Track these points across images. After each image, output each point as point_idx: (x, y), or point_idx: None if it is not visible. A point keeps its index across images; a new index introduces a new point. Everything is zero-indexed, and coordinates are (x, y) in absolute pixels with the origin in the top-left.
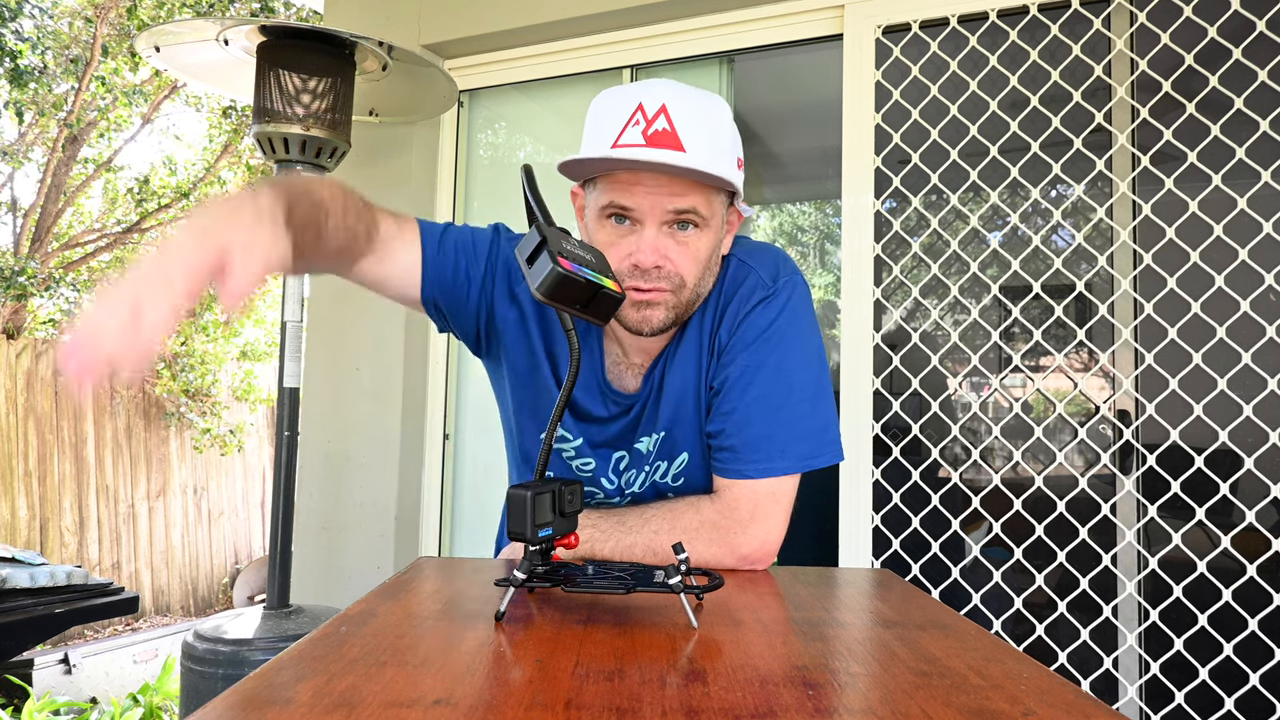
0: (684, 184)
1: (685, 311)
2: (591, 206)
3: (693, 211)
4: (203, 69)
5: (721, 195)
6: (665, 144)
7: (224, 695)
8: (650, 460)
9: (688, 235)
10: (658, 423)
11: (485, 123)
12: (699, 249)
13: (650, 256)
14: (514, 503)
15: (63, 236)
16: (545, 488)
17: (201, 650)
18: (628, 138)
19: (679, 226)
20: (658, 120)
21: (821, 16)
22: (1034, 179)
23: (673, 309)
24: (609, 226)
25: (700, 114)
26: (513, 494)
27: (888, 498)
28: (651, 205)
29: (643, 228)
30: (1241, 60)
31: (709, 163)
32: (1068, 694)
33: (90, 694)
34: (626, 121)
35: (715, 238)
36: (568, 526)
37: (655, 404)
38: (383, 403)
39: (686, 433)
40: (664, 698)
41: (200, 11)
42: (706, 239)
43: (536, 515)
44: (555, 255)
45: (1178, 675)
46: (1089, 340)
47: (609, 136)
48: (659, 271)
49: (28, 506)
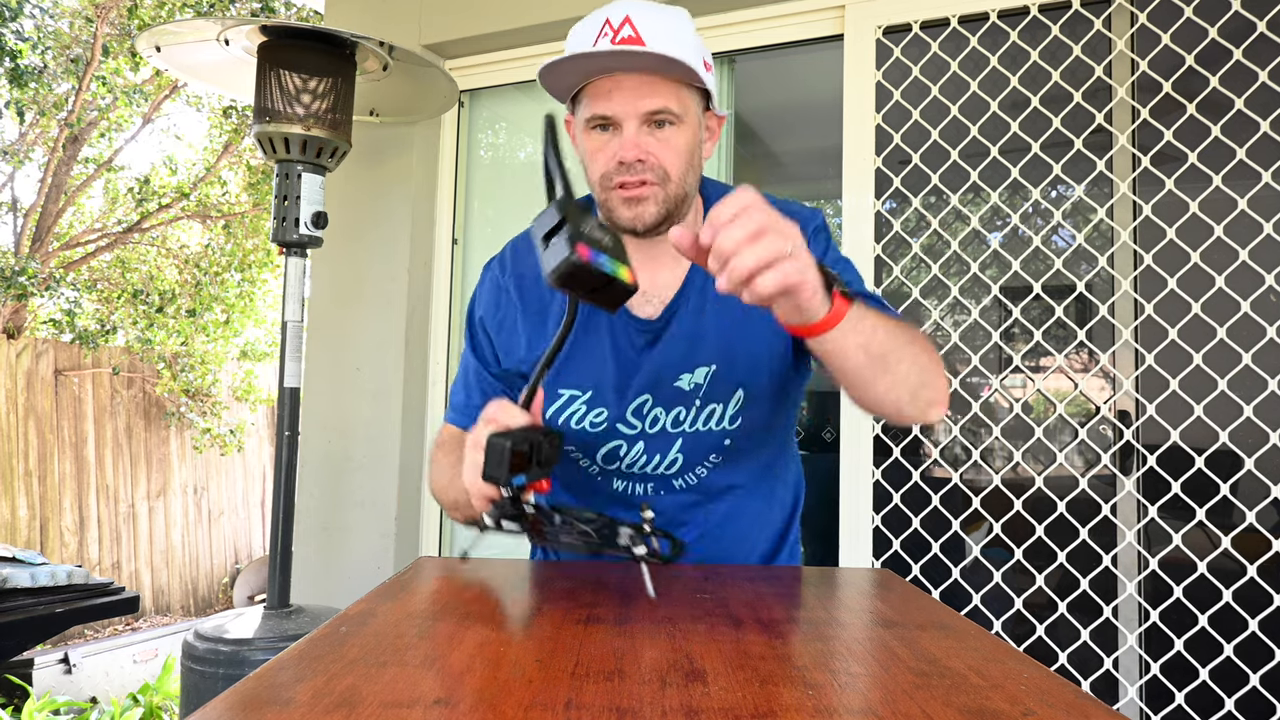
0: (655, 85)
1: (675, 207)
2: (578, 124)
3: (666, 111)
4: (203, 69)
5: (694, 94)
6: (630, 45)
7: (224, 695)
8: (697, 397)
9: (666, 133)
10: (700, 355)
11: (486, 123)
12: (678, 144)
13: (631, 151)
14: (492, 450)
15: (63, 236)
16: (526, 439)
17: (202, 650)
18: (599, 47)
19: (656, 125)
20: (623, 29)
21: (822, 17)
22: (1034, 179)
23: (662, 203)
24: (594, 135)
25: (663, 20)
26: (493, 441)
27: (888, 498)
28: (627, 108)
29: (622, 130)
30: (1242, 61)
31: (671, 53)
32: (1068, 694)
33: (90, 694)
34: (596, 35)
35: (693, 134)
36: (541, 474)
37: (693, 333)
38: (383, 403)
39: (744, 365)
40: (664, 698)
41: (201, 11)
42: (684, 135)
43: (512, 465)
44: (574, 241)
45: (1178, 676)
46: (1089, 341)
47: (582, 49)
48: (642, 165)
49: (28, 506)
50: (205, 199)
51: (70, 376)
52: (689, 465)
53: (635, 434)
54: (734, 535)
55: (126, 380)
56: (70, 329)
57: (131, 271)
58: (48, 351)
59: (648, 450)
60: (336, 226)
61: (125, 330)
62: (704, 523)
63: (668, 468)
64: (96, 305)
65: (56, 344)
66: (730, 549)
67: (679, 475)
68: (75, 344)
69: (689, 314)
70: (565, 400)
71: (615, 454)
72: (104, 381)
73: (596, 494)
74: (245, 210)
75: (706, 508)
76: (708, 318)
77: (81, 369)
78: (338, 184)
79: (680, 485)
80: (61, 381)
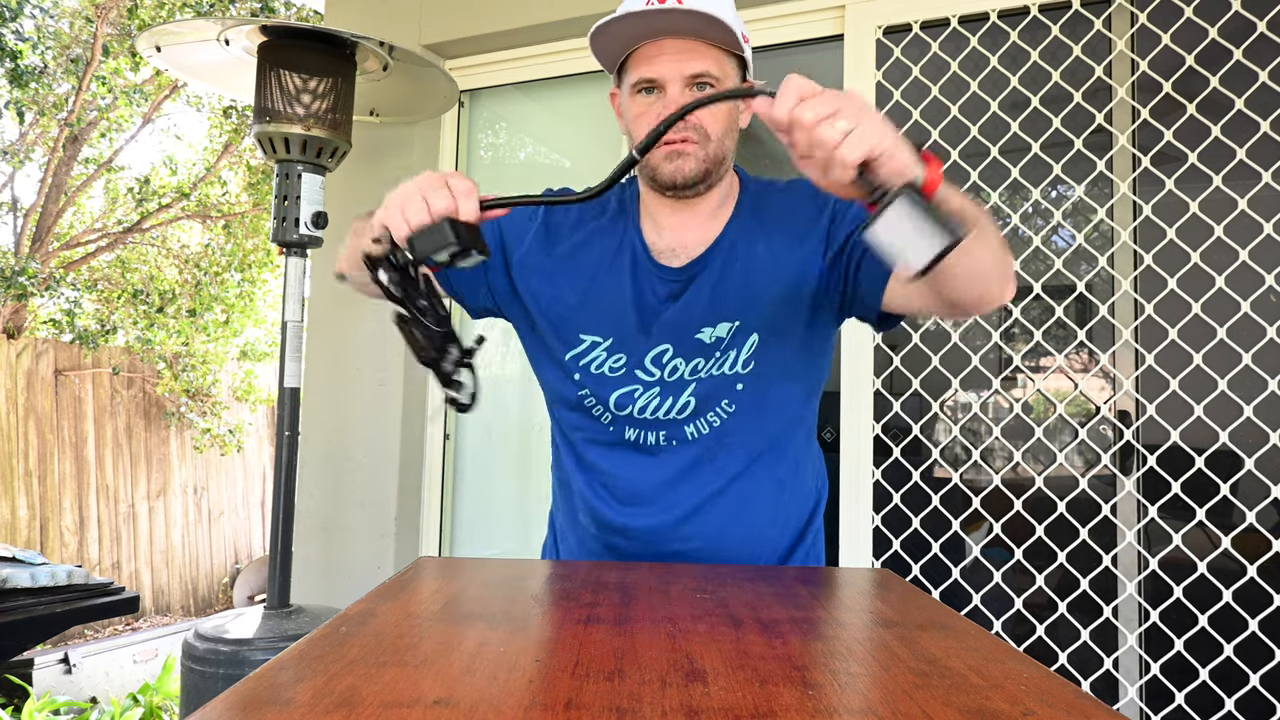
0: (697, 50)
1: (714, 167)
2: (624, 91)
3: (707, 74)
4: (203, 69)
5: (734, 62)
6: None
7: (224, 695)
8: (718, 350)
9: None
10: (724, 310)
11: (486, 123)
12: (718, 108)
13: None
14: (437, 229)
15: (63, 236)
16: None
17: (202, 650)
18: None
19: (699, 88)
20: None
21: (822, 17)
22: (1034, 179)
23: (702, 161)
24: (639, 99)
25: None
26: (446, 223)
27: (888, 498)
28: (671, 71)
29: (666, 92)
30: (1242, 61)
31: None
32: (1068, 694)
33: (90, 694)
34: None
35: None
36: (446, 265)
37: (718, 289)
38: (383, 403)
39: (766, 319)
40: (664, 698)
41: (201, 11)
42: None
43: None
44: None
45: (1178, 676)
46: (1089, 341)
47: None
48: (684, 124)
49: (28, 506)
50: (205, 199)
51: (70, 376)
52: (700, 411)
53: (652, 380)
54: (749, 520)
55: (126, 380)
56: (70, 329)
57: (131, 271)
58: (48, 351)
59: (661, 394)
60: (336, 226)
61: (125, 330)
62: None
63: (679, 412)
64: (96, 305)
65: (56, 344)
66: (743, 534)
67: (690, 420)
68: (75, 344)
69: (716, 269)
70: (586, 346)
71: (629, 398)
72: (104, 381)
73: (607, 447)
74: (245, 210)
75: (716, 465)
76: (734, 276)
77: (81, 369)
78: (338, 184)
79: (691, 433)
80: (61, 381)
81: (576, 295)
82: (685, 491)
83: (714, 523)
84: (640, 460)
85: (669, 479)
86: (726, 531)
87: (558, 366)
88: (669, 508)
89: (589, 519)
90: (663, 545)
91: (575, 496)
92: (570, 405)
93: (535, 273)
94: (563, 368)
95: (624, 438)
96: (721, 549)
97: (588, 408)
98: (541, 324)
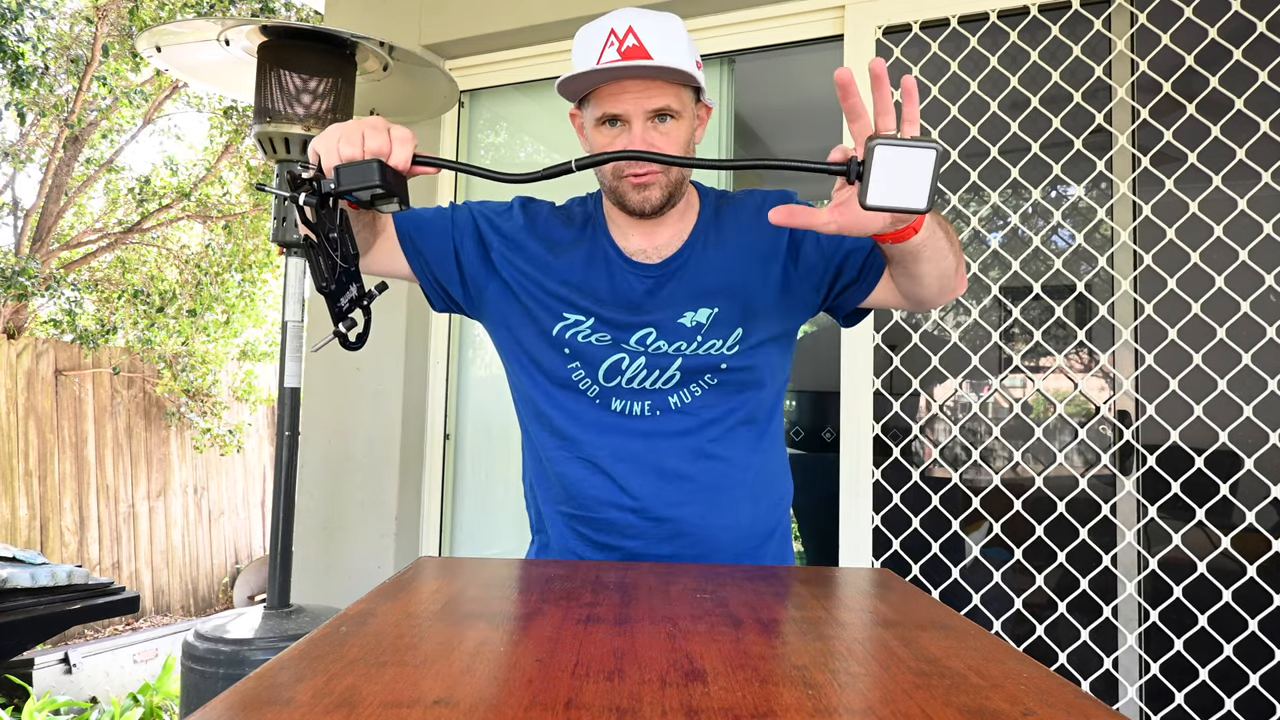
0: (657, 87)
1: (676, 190)
2: (588, 120)
3: (667, 108)
4: (204, 69)
5: (689, 91)
6: (637, 56)
7: (224, 695)
8: (699, 334)
9: (667, 126)
10: (703, 298)
11: (486, 123)
12: (678, 136)
13: (639, 145)
14: (365, 166)
15: (64, 237)
16: (386, 191)
17: (202, 650)
18: (607, 57)
19: (659, 120)
20: (628, 39)
21: (822, 17)
22: (1034, 179)
23: (665, 187)
24: (605, 131)
25: (661, 28)
26: (371, 162)
27: (888, 498)
28: (634, 107)
29: (630, 127)
30: (1242, 61)
31: (674, 63)
32: (1068, 694)
33: (90, 694)
34: (604, 45)
35: (689, 126)
36: (364, 205)
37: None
38: (383, 403)
39: (743, 307)
40: (664, 698)
41: (201, 12)
42: (682, 127)
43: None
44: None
45: (1178, 676)
46: (1089, 341)
47: (592, 59)
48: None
49: (28, 506)
50: (205, 199)
51: (70, 376)
52: (685, 382)
53: (638, 352)
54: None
55: (127, 380)
56: (71, 329)
57: (132, 272)
58: (48, 351)
59: (648, 365)
60: None
61: (125, 330)
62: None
63: (665, 382)
64: (97, 305)
65: (57, 344)
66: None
67: (675, 391)
68: (75, 344)
69: (692, 263)
70: (572, 321)
71: (617, 368)
72: (104, 381)
73: (593, 421)
74: (245, 210)
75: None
76: (710, 269)
77: (82, 369)
78: None
79: (675, 404)
80: (62, 381)
81: (558, 284)
82: (671, 461)
83: (698, 493)
84: (626, 428)
85: (654, 449)
86: (713, 501)
87: (546, 342)
88: (655, 478)
89: (572, 503)
90: (647, 515)
91: (557, 483)
92: (560, 382)
93: (519, 252)
94: (551, 342)
95: (610, 408)
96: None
97: (575, 382)
98: (528, 300)
